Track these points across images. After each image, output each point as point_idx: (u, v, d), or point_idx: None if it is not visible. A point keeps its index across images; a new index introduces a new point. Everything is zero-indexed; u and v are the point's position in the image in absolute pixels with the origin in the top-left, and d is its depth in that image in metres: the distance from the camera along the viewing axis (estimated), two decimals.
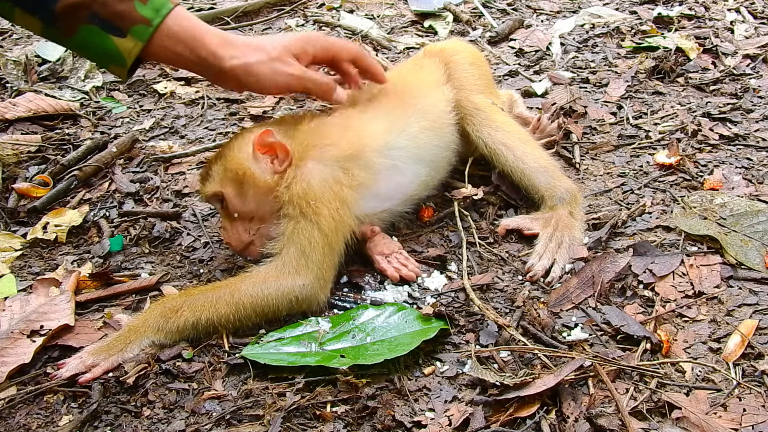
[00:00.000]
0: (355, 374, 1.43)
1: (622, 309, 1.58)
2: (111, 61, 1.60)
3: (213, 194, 1.76)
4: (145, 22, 1.54)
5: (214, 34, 1.63)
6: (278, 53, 1.64)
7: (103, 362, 1.50)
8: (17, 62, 2.90)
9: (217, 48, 1.61)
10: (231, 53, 1.61)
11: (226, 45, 1.62)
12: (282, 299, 1.59)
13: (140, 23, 1.54)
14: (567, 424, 1.30)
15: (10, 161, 2.35)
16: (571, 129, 2.24)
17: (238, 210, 1.72)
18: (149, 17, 1.54)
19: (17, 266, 1.90)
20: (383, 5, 3.50)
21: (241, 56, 1.62)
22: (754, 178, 1.98)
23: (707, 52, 2.75)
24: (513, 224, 1.86)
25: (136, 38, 1.55)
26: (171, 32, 1.57)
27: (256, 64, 1.62)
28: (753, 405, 1.32)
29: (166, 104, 2.72)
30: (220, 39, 1.62)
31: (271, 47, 1.64)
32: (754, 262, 1.66)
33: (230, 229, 1.75)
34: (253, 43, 1.66)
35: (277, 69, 1.64)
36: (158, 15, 1.55)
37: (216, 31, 1.64)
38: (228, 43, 1.62)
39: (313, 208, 1.63)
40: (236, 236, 1.74)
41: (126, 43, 1.55)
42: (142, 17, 1.53)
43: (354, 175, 1.71)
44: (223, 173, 1.73)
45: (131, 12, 1.53)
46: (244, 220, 1.73)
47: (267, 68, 1.63)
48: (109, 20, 1.53)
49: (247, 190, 1.71)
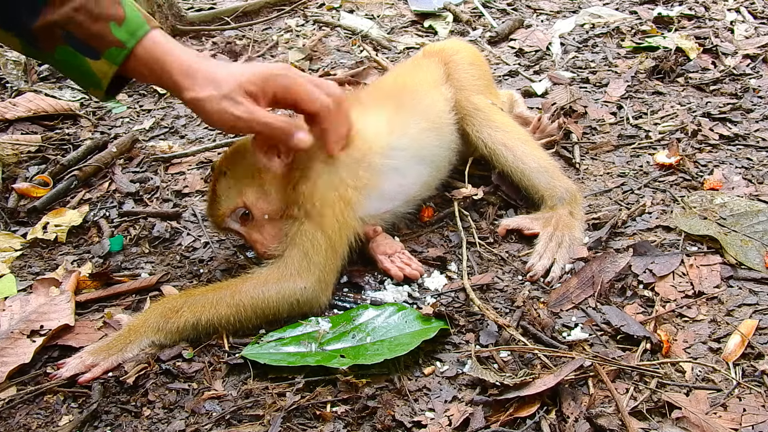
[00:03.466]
0: (355, 374, 1.43)
1: (622, 309, 1.58)
2: (88, 82, 1.56)
3: (233, 209, 1.70)
4: (119, 44, 1.49)
5: (178, 60, 1.53)
6: (229, 90, 1.52)
7: (103, 362, 1.50)
8: (17, 62, 2.91)
9: (178, 77, 1.53)
10: (188, 84, 1.53)
11: (187, 75, 1.53)
12: (283, 301, 1.58)
13: (114, 46, 1.49)
14: (567, 424, 1.30)
15: (10, 161, 2.35)
16: (571, 129, 2.24)
17: (266, 211, 1.69)
18: (123, 40, 1.49)
19: (17, 266, 1.90)
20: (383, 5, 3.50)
21: (196, 90, 1.53)
22: (754, 178, 1.98)
23: (707, 52, 2.75)
24: (513, 224, 1.86)
25: (110, 61, 1.50)
26: (142, 57, 1.52)
27: (205, 101, 1.52)
28: (753, 405, 1.32)
29: (166, 104, 2.72)
30: (183, 67, 1.53)
31: (225, 82, 1.52)
32: (754, 262, 1.66)
33: (263, 237, 1.71)
34: (213, 74, 1.54)
35: (223, 108, 1.52)
36: (133, 38, 1.50)
37: (182, 57, 1.54)
38: (189, 72, 1.53)
39: (317, 210, 1.63)
40: (272, 240, 1.69)
41: (101, 65, 1.51)
42: (117, 39, 1.49)
43: (358, 176, 1.71)
44: (236, 184, 1.70)
45: (106, 34, 1.48)
46: (275, 222, 1.70)
47: (215, 106, 1.52)
48: (84, 41, 1.49)
49: (268, 189, 1.70)
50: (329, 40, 3.19)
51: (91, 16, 1.48)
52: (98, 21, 1.48)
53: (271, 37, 3.23)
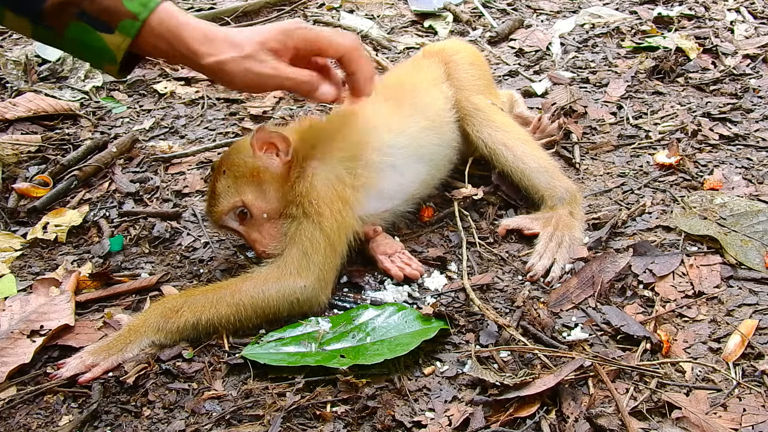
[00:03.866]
0: (355, 374, 1.43)
1: (622, 309, 1.58)
2: (102, 58, 1.56)
3: (232, 207, 1.70)
4: (132, 16, 1.50)
5: (195, 29, 1.55)
6: (252, 50, 1.53)
7: (103, 362, 1.50)
8: (17, 62, 2.90)
9: (196, 44, 1.54)
10: (207, 50, 1.54)
11: (205, 41, 1.55)
12: (283, 300, 1.58)
13: (127, 18, 1.50)
14: (567, 424, 1.30)
15: (10, 161, 2.35)
16: (571, 129, 2.24)
17: (265, 210, 1.69)
18: (136, 11, 1.50)
19: (17, 266, 1.90)
20: (383, 5, 3.50)
21: (216, 54, 1.54)
22: (754, 178, 1.98)
23: (707, 52, 2.75)
24: (513, 224, 1.86)
25: (124, 33, 1.51)
26: (156, 28, 1.52)
27: (229, 62, 1.54)
28: (753, 405, 1.32)
29: (166, 104, 2.72)
30: (201, 34, 1.55)
31: (247, 43, 1.54)
32: (754, 262, 1.66)
33: (262, 236, 1.70)
34: (233, 38, 1.55)
35: (248, 67, 1.54)
36: (145, 9, 1.51)
37: (199, 26, 1.56)
38: (207, 39, 1.55)
39: (315, 208, 1.63)
40: (271, 239, 1.70)
41: (114, 38, 1.51)
42: (129, 12, 1.50)
43: (357, 174, 1.71)
44: (235, 183, 1.70)
45: (118, 7, 1.49)
46: (273, 220, 1.71)
47: (239, 67, 1.54)
48: (97, 16, 1.50)
49: (267, 188, 1.70)
50: None
51: None
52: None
53: None
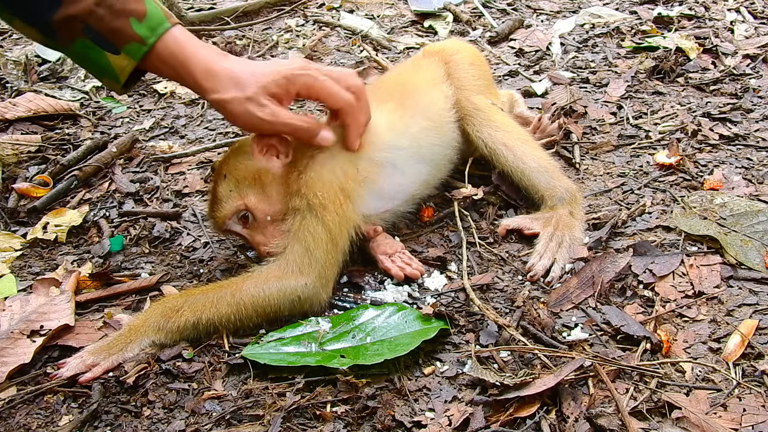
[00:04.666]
0: (355, 374, 1.43)
1: (622, 309, 1.58)
2: (105, 76, 1.57)
3: (234, 211, 1.70)
4: (140, 40, 1.51)
5: (200, 61, 1.56)
6: (253, 93, 1.56)
7: (104, 362, 1.50)
8: (17, 62, 2.91)
9: (201, 79, 1.57)
10: (212, 86, 1.57)
11: (209, 77, 1.57)
12: (284, 299, 1.58)
13: (134, 41, 1.51)
14: (567, 424, 1.30)
15: (10, 161, 2.35)
16: (571, 129, 2.24)
17: (268, 212, 1.69)
18: (144, 36, 1.51)
19: (17, 266, 1.90)
20: (383, 5, 3.50)
21: (220, 92, 1.56)
22: (754, 178, 1.98)
23: (707, 52, 2.75)
24: (513, 224, 1.86)
25: (130, 56, 1.52)
26: (162, 53, 1.54)
27: (231, 103, 1.56)
28: (753, 405, 1.32)
29: (166, 104, 2.72)
30: (205, 69, 1.56)
31: (249, 84, 1.56)
32: (754, 262, 1.66)
33: (266, 238, 1.70)
34: (236, 77, 1.57)
35: (249, 110, 1.56)
36: (153, 34, 1.51)
37: (204, 57, 1.57)
38: (211, 74, 1.57)
39: (320, 200, 1.63)
40: (275, 240, 1.69)
41: (120, 60, 1.52)
42: (137, 35, 1.50)
43: (359, 169, 1.72)
44: (237, 187, 1.70)
45: (126, 29, 1.50)
46: (276, 222, 1.70)
47: (240, 108, 1.56)
48: (104, 36, 1.50)
49: (269, 191, 1.70)
50: (329, 40, 3.19)
51: (112, 11, 1.49)
52: (119, 16, 1.49)
53: (271, 37, 3.23)
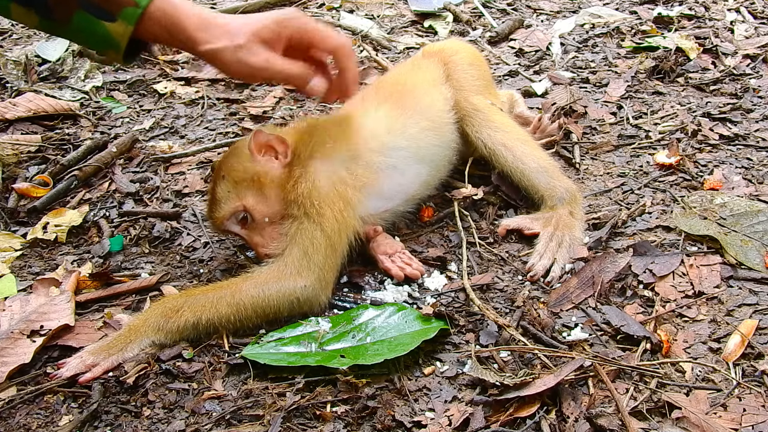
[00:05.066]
0: (355, 374, 1.43)
1: (622, 309, 1.58)
2: (106, 46, 1.58)
3: (233, 212, 1.70)
4: (133, 4, 1.52)
5: (193, 15, 1.56)
6: (245, 39, 1.55)
7: (104, 362, 1.50)
8: (17, 62, 2.90)
9: (193, 31, 1.56)
10: (204, 37, 1.56)
11: (202, 27, 1.56)
12: (283, 300, 1.58)
13: (128, 5, 1.52)
14: (567, 424, 1.30)
15: (10, 161, 2.35)
16: (571, 129, 2.24)
17: (267, 214, 1.69)
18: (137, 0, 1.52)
19: (17, 266, 1.90)
20: (383, 5, 3.50)
21: (212, 41, 1.56)
22: (754, 178, 1.98)
23: (707, 52, 2.75)
24: (513, 224, 1.86)
25: (126, 21, 1.53)
26: (155, 14, 1.54)
27: (223, 51, 1.56)
28: (753, 405, 1.32)
29: (166, 104, 2.72)
30: (198, 20, 1.56)
31: (241, 32, 1.55)
32: (754, 262, 1.66)
33: (264, 239, 1.70)
34: (228, 26, 1.56)
35: (240, 58, 1.55)
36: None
37: (197, 12, 1.57)
38: (204, 25, 1.56)
39: (317, 209, 1.63)
40: (273, 242, 1.69)
41: (117, 27, 1.53)
42: (130, 0, 1.52)
43: (357, 175, 1.72)
44: (235, 188, 1.70)
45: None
46: (275, 223, 1.70)
47: (232, 56, 1.55)
48: (100, 5, 1.52)
49: (268, 192, 1.70)
50: None
51: None
52: None
53: None
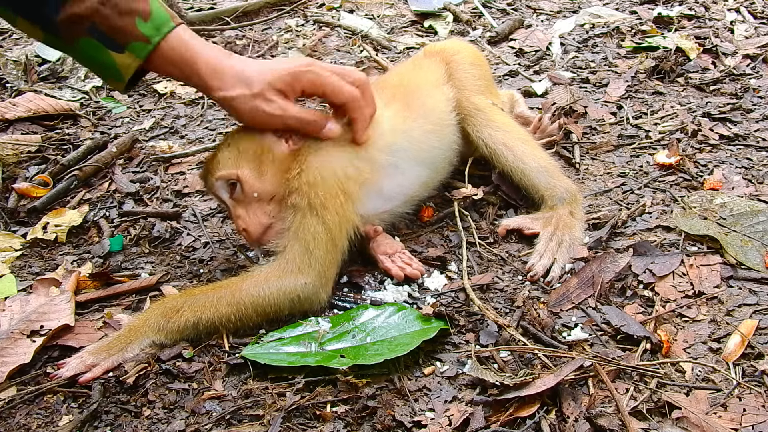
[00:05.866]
0: (355, 374, 1.43)
1: (622, 309, 1.58)
2: (108, 74, 1.58)
3: (226, 177, 1.69)
4: (145, 40, 1.52)
5: (205, 60, 1.59)
6: (260, 89, 1.59)
7: (104, 362, 1.50)
8: (17, 62, 2.91)
9: (206, 77, 1.59)
10: (218, 84, 1.60)
11: (215, 75, 1.59)
12: (284, 298, 1.58)
13: (139, 40, 1.52)
14: (567, 424, 1.30)
15: (10, 161, 2.35)
16: (571, 129, 2.24)
17: (257, 189, 1.68)
18: (149, 35, 1.52)
19: (17, 266, 1.90)
20: (383, 5, 3.50)
21: (226, 89, 1.60)
22: (754, 178, 1.98)
23: (707, 52, 2.75)
24: (513, 224, 1.86)
25: (135, 55, 1.53)
26: (167, 53, 1.55)
27: (238, 99, 1.60)
28: (753, 405, 1.32)
29: (166, 104, 2.72)
30: (211, 67, 1.59)
31: (256, 81, 1.59)
32: (754, 262, 1.66)
33: (246, 215, 1.69)
34: (243, 74, 1.60)
35: (256, 106, 1.60)
36: (158, 33, 1.53)
37: (209, 56, 1.60)
38: (217, 72, 1.59)
39: (321, 200, 1.63)
40: (255, 219, 1.68)
41: (124, 59, 1.53)
42: (142, 35, 1.51)
43: (361, 171, 1.72)
44: (238, 155, 1.69)
45: (131, 28, 1.51)
46: (263, 202, 1.69)
47: (247, 105, 1.60)
48: (109, 35, 1.51)
49: (265, 169, 1.69)
50: (329, 40, 3.19)
51: (117, 10, 1.50)
52: (124, 15, 1.51)
53: (271, 37, 3.23)
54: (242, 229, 1.70)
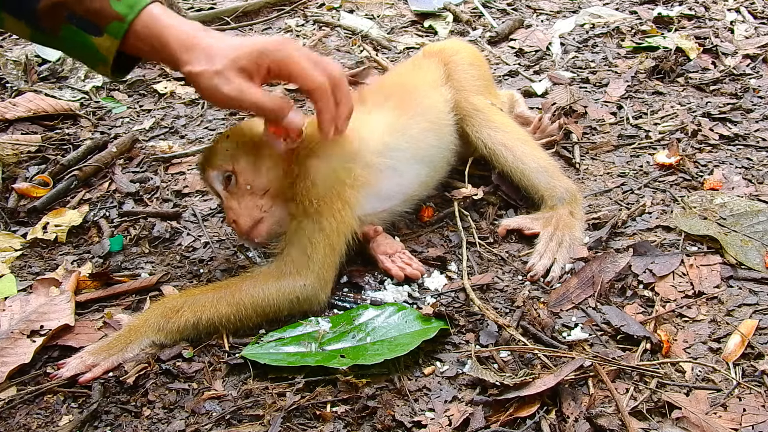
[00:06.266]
0: (355, 374, 1.43)
1: (622, 309, 1.58)
2: (95, 60, 1.55)
3: (220, 169, 1.69)
4: (119, 18, 1.48)
5: (179, 33, 1.51)
6: (222, 66, 1.48)
7: (104, 362, 1.50)
8: (17, 62, 2.90)
9: (176, 51, 1.51)
10: (186, 58, 1.51)
11: (185, 49, 1.51)
12: (283, 299, 1.59)
13: (114, 20, 1.48)
14: (567, 424, 1.30)
15: (10, 161, 2.35)
16: (571, 129, 2.24)
17: (250, 182, 1.68)
18: (123, 13, 1.48)
19: (17, 266, 1.90)
20: (383, 5, 3.50)
21: (192, 64, 1.50)
22: (754, 178, 1.98)
23: (707, 52, 2.75)
24: (513, 224, 1.86)
25: (112, 36, 1.49)
26: (141, 30, 1.50)
27: (201, 75, 1.50)
28: (753, 405, 1.32)
29: (166, 104, 2.72)
30: (183, 41, 1.51)
31: (219, 57, 1.49)
32: (754, 262, 1.66)
33: (238, 207, 1.68)
34: (210, 49, 1.50)
35: (216, 85, 1.49)
36: (132, 11, 1.48)
37: (183, 30, 1.52)
38: (187, 46, 1.51)
39: (315, 208, 1.63)
40: (246, 212, 1.67)
41: (103, 41, 1.50)
42: (116, 13, 1.48)
43: (356, 175, 1.71)
44: (235, 147, 1.69)
45: (106, 8, 1.48)
46: (255, 196, 1.69)
47: (209, 82, 1.49)
48: (86, 18, 1.49)
49: (261, 162, 1.69)
50: (329, 40, 3.19)
51: None
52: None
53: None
54: (232, 220, 1.69)
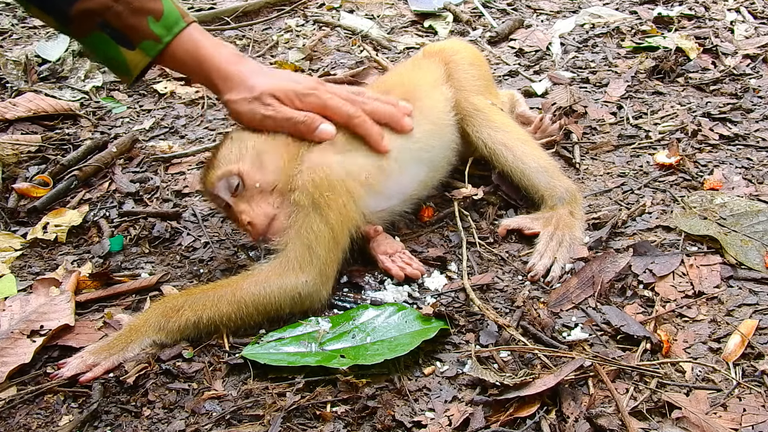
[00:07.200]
0: (355, 374, 1.43)
1: (622, 309, 1.58)
2: (117, 68, 1.63)
3: (226, 174, 1.69)
4: (156, 38, 1.56)
5: (215, 62, 1.68)
6: (259, 93, 1.69)
7: (104, 362, 1.50)
8: (17, 62, 2.90)
9: (215, 79, 1.69)
10: (224, 87, 1.70)
11: (223, 78, 1.70)
12: (284, 296, 1.58)
13: (150, 39, 1.56)
14: (567, 424, 1.30)
15: (10, 161, 2.35)
16: (571, 129, 2.24)
17: (259, 180, 1.68)
18: (160, 34, 1.56)
19: (17, 266, 1.90)
20: (383, 5, 3.50)
21: (231, 93, 1.70)
22: (754, 178, 1.98)
23: (707, 52, 2.75)
24: (513, 224, 1.86)
25: (145, 53, 1.57)
26: (178, 52, 1.61)
27: (239, 102, 1.70)
28: (753, 405, 1.32)
29: (166, 104, 2.72)
30: (221, 70, 1.68)
31: (258, 88, 1.69)
32: (754, 262, 1.66)
33: (251, 208, 1.69)
34: (248, 82, 1.70)
35: (253, 108, 1.69)
36: (169, 33, 1.57)
37: (219, 58, 1.69)
38: (225, 75, 1.69)
39: (325, 199, 1.63)
40: (260, 211, 1.68)
41: (134, 55, 1.58)
42: (153, 34, 1.56)
43: (363, 171, 1.72)
44: (238, 150, 1.71)
45: (143, 27, 1.54)
46: (265, 193, 1.69)
47: (246, 107, 1.69)
48: (120, 31, 1.55)
49: (266, 159, 1.70)
50: (329, 40, 3.19)
51: (130, 8, 1.53)
52: (136, 14, 1.54)
53: (271, 37, 3.23)
54: (247, 222, 1.68)
